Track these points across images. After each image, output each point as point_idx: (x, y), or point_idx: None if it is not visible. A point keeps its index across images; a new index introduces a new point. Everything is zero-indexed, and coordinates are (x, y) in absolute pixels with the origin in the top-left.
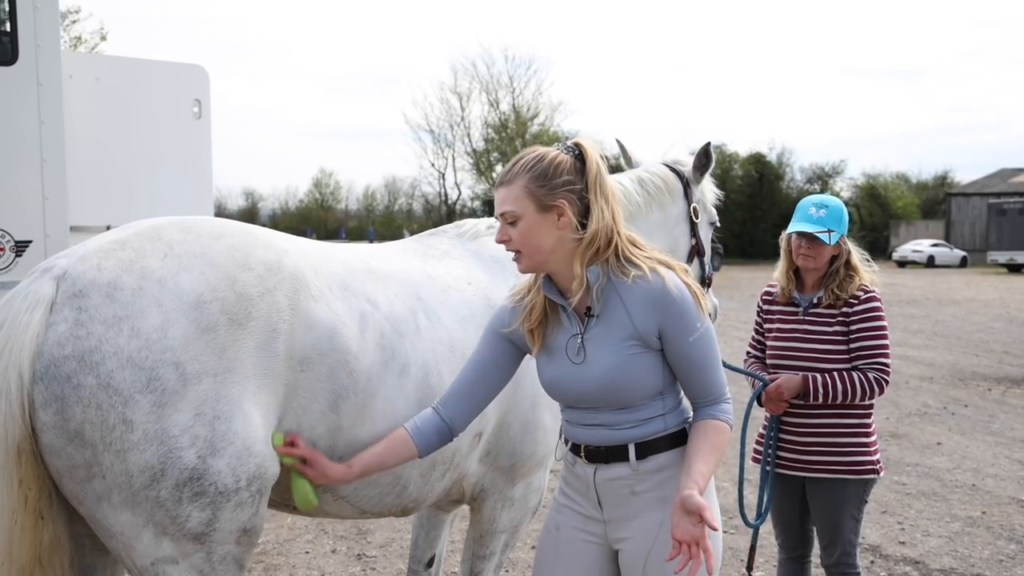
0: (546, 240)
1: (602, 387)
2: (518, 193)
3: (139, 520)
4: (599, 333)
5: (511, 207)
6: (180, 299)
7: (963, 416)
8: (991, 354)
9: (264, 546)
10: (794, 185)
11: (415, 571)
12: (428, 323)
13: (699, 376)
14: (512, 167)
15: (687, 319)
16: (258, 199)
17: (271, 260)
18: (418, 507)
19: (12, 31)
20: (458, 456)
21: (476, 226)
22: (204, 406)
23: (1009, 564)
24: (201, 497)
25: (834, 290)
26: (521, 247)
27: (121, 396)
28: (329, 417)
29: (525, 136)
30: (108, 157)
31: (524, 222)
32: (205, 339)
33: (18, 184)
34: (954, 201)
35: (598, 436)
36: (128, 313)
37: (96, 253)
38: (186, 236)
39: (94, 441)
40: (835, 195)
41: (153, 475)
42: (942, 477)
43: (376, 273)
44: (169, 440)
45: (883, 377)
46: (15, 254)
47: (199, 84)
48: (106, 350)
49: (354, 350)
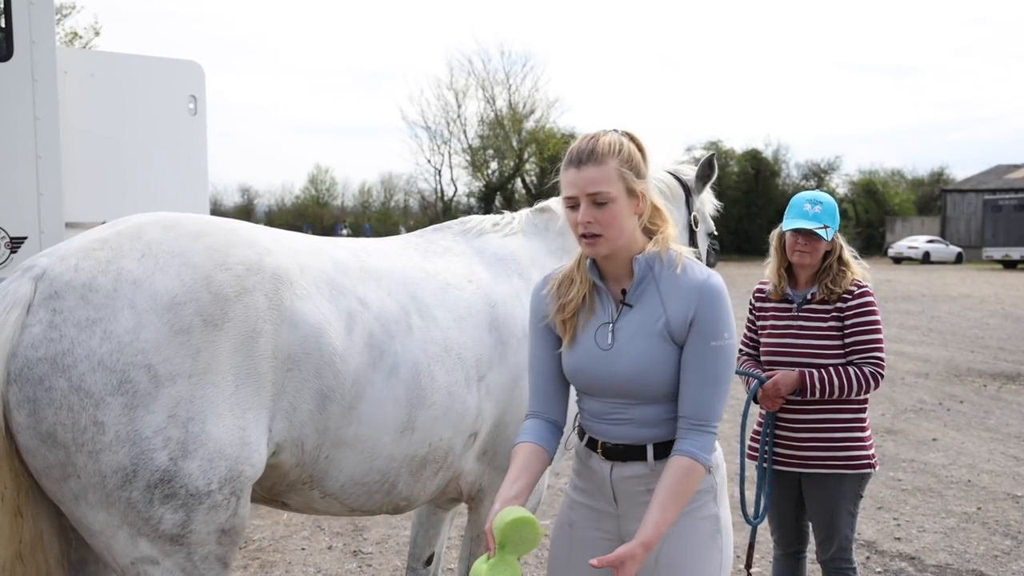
0: (628, 224)
1: (630, 377)
2: (611, 175)
3: (114, 520)
4: (631, 322)
5: (605, 187)
6: (154, 301)
7: (958, 412)
8: (986, 350)
9: (260, 543)
10: (790, 181)
11: (414, 569)
12: (421, 322)
13: (701, 390)
14: (594, 147)
15: (719, 322)
16: (254, 195)
17: (251, 260)
18: (411, 505)
19: (7, 27)
20: (451, 456)
21: (482, 223)
22: (178, 408)
23: (1004, 559)
24: (172, 499)
25: (828, 285)
26: (605, 230)
27: (92, 398)
28: (317, 418)
29: (521, 133)
30: (103, 153)
31: (616, 204)
32: (179, 341)
33: (13, 180)
34: (949, 197)
35: (621, 433)
36: (101, 315)
37: (76, 253)
38: (166, 235)
39: (66, 442)
40: (831, 192)
41: (125, 476)
42: (937, 473)
43: (369, 271)
44: (141, 442)
45: (878, 371)
46: (10, 250)
47: (194, 80)
48: (78, 353)
49: (340, 350)
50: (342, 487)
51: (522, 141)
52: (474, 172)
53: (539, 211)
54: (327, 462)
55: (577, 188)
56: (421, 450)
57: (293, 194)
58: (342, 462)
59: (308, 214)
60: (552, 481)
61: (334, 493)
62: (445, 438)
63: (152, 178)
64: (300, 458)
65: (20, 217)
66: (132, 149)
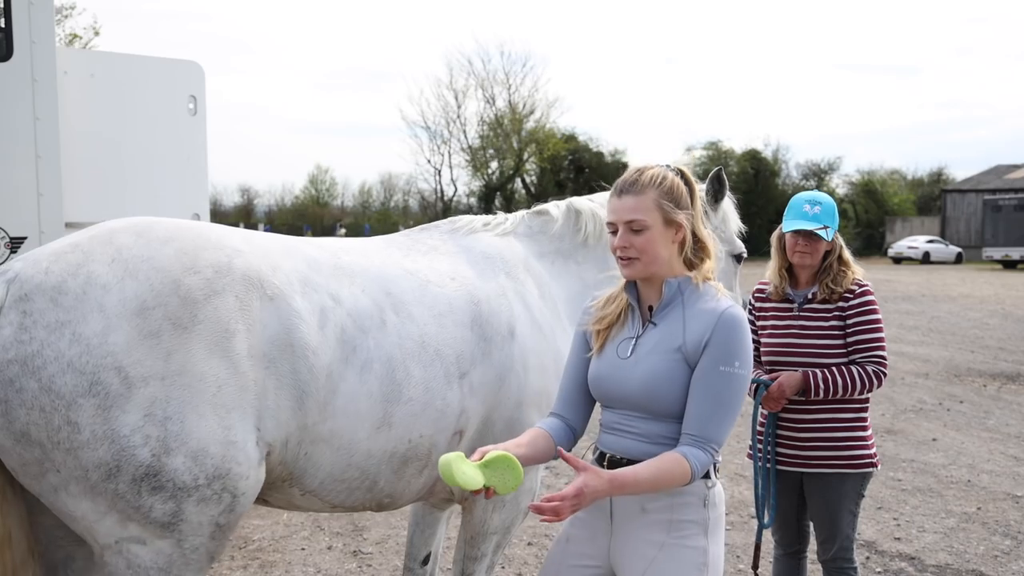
0: (664, 251)
1: (640, 388)
2: (649, 205)
3: (100, 508)
4: (652, 338)
5: (642, 216)
6: (123, 305)
7: (958, 412)
8: (986, 350)
9: (260, 543)
10: (790, 182)
11: (411, 568)
12: (396, 319)
13: (706, 408)
14: (637, 179)
15: (730, 349)
16: (254, 195)
17: (220, 262)
18: (396, 503)
19: (7, 27)
20: (435, 454)
21: (472, 222)
22: (154, 407)
23: (1004, 560)
24: (160, 491)
25: (829, 284)
26: (642, 255)
27: (63, 400)
28: (297, 415)
29: (521, 133)
30: (103, 153)
31: (651, 232)
32: (148, 344)
33: (13, 180)
34: (949, 198)
35: (626, 447)
36: (71, 318)
37: (48, 256)
38: (136, 240)
39: (41, 440)
40: (830, 192)
41: (109, 471)
42: (937, 473)
43: (344, 268)
44: (120, 439)
45: (881, 370)
46: (10, 250)
47: (194, 80)
48: (47, 355)
49: (313, 345)
50: (321, 484)
51: (522, 141)
52: (474, 172)
53: (536, 214)
54: (306, 459)
55: (616, 215)
56: (400, 447)
57: (293, 194)
58: (320, 459)
59: (308, 214)
60: (551, 481)
61: (314, 490)
62: (426, 435)
63: (152, 178)
64: (282, 456)
65: (20, 217)
66: (132, 149)
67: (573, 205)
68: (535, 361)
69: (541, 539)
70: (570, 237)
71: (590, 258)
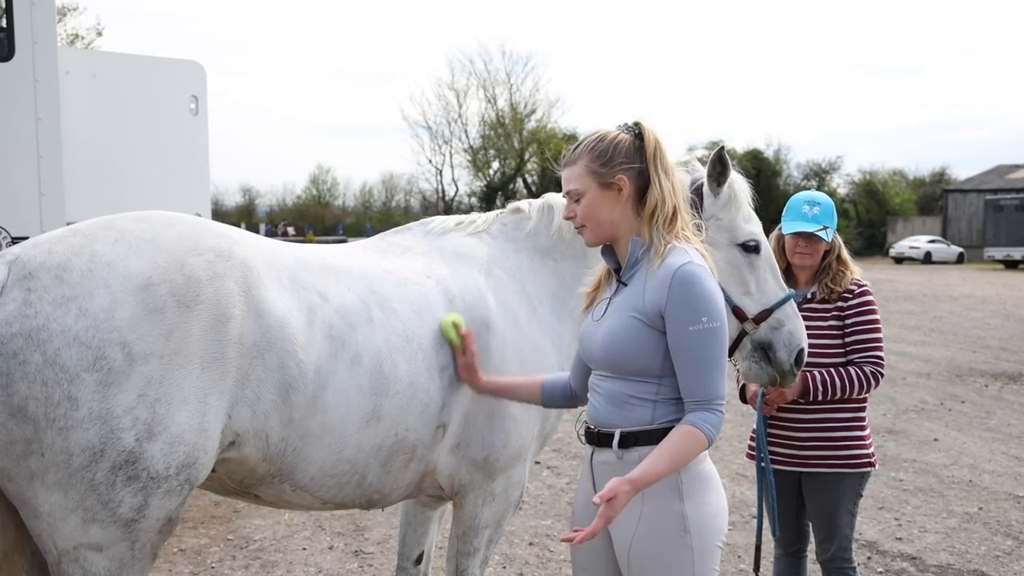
0: (608, 214)
1: (601, 347)
2: (580, 172)
3: (69, 503)
4: (620, 300)
5: (575, 185)
6: (128, 281)
7: (960, 412)
8: (988, 350)
9: (261, 543)
10: (791, 181)
11: (404, 568)
12: (382, 314)
13: (694, 372)
14: (575, 148)
15: (692, 307)
16: (255, 195)
17: (222, 247)
18: (385, 499)
19: (8, 27)
20: (420, 447)
21: (444, 223)
22: (148, 388)
23: (1005, 560)
24: (134, 482)
25: (828, 284)
26: (585, 221)
27: (67, 373)
28: (281, 409)
29: (522, 132)
30: (105, 153)
31: (587, 199)
32: (152, 320)
33: (15, 180)
34: (951, 197)
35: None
36: (77, 293)
37: (49, 239)
38: (137, 224)
39: (37, 417)
40: (831, 192)
41: (93, 455)
42: (939, 473)
43: (330, 267)
44: (112, 420)
45: (878, 370)
46: None
47: (196, 80)
48: (53, 328)
49: (302, 341)
50: (312, 479)
51: (523, 141)
52: (475, 172)
53: (511, 211)
54: (295, 455)
55: (563, 187)
56: (388, 439)
57: (294, 194)
58: (310, 454)
59: (309, 214)
60: (553, 481)
61: (305, 486)
62: (412, 428)
63: (153, 178)
64: (266, 451)
65: (22, 217)
66: (133, 149)
67: (548, 201)
68: (513, 354)
69: (542, 539)
70: (545, 233)
71: (568, 254)
